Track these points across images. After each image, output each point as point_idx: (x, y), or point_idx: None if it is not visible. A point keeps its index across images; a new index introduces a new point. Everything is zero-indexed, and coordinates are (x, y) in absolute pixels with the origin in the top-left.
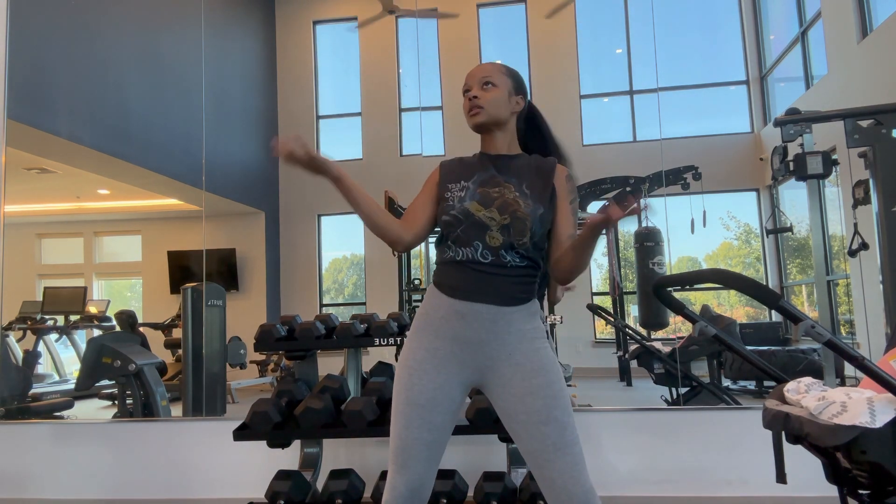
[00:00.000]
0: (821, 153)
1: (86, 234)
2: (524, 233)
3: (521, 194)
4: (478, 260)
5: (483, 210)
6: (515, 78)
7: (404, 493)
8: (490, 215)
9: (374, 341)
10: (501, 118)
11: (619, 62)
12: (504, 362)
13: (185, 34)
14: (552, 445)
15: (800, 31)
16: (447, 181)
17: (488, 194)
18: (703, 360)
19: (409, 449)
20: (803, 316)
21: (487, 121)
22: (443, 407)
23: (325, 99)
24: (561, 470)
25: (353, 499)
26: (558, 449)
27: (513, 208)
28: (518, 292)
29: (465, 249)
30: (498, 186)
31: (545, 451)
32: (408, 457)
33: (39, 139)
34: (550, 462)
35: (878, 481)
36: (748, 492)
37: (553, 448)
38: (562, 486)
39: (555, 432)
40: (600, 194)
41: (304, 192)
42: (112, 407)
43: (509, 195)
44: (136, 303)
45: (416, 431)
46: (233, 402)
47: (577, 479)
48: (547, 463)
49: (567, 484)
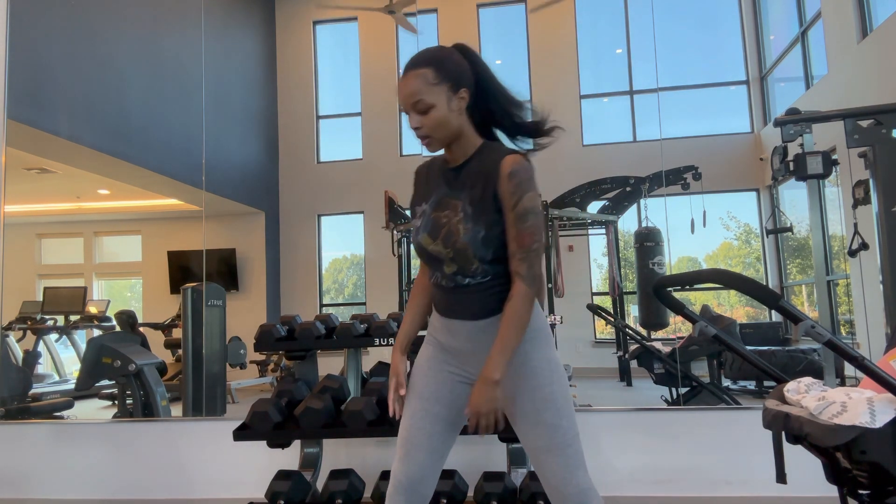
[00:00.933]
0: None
1: (86, 234)
2: (471, 261)
3: (464, 216)
4: (442, 284)
5: (432, 243)
6: (446, 71)
7: (404, 482)
8: (437, 248)
9: (374, 341)
10: (453, 132)
11: (619, 62)
12: None
13: (185, 34)
14: (543, 448)
15: (800, 31)
16: (415, 202)
17: (438, 221)
18: (703, 360)
19: (411, 438)
20: (803, 316)
21: (441, 144)
22: (446, 400)
23: (325, 99)
24: (553, 471)
25: (353, 499)
26: (549, 451)
27: (453, 239)
28: (489, 304)
29: (433, 273)
30: (447, 209)
31: (538, 452)
32: (410, 446)
33: (39, 139)
34: (543, 463)
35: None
36: (748, 492)
37: (544, 450)
38: (554, 487)
39: (545, 435)
40: (600, 194)
41: (304, 192)
42: (112, 407)
43: (454, 219)
44: (136, 303)
45: (420, 421)
46: (233, 402)
47: (569, 481)
48: (540, 464)
49: (559, 485)
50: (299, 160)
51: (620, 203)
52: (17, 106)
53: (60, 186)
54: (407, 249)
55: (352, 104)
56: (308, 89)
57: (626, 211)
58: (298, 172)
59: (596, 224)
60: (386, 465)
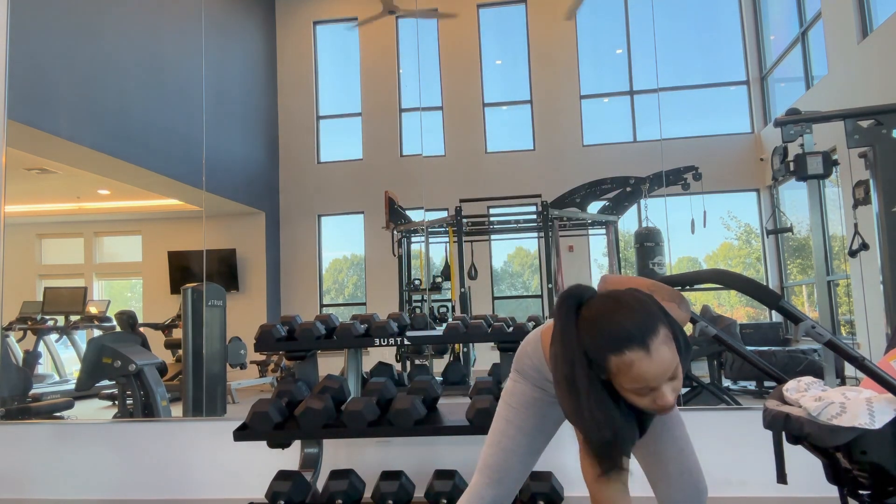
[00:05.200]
0: (821, 153)
1: (86, 234)
2: None
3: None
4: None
5: None
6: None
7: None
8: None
9: (375, 342)
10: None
11: (619, 62)
12: None
13: (185, 34)
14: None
15: (800, 32)
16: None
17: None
18: (703, 360)
19: (511, 469)
20: (803, 316)
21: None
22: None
23: (325, 99)
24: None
25: (353, 499)
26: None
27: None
28: None
29: None
30: None
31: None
32: (505, 473)
33: (40, 139)
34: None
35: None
36: (748, 492)
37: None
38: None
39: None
40: (600, 194)
41: (304, 192)
42: (112, 407)
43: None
44: (137, 303)
45: (525, 457)
46: (233, 402)
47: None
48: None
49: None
50: (299, 160)
51: (621, 203)
52: (17, 106)
53: (60, 187)
54: (407, 249)
55: (352, 104)
56: (308, 89)
57: (627, 211)
58: (298, 172)
59: (596, 224)
60: (386, 465)
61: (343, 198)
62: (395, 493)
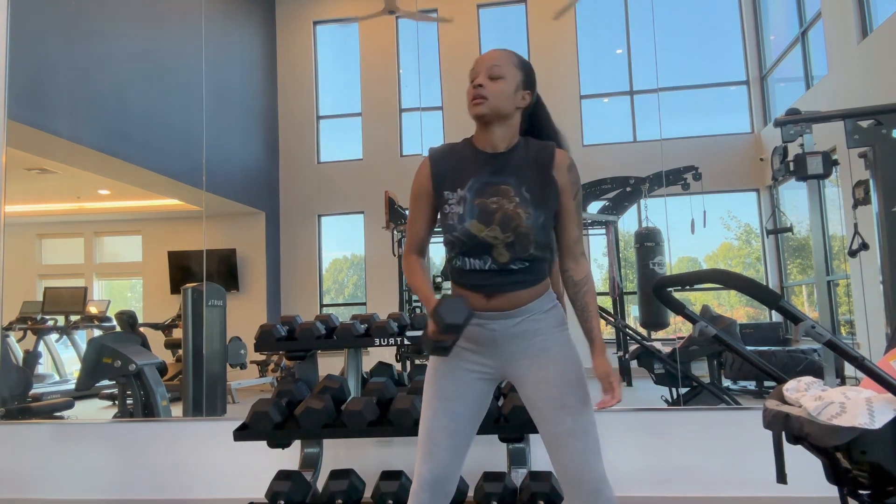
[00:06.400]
0: (821, 153)
1: (86, 234)
2: (528, 246)
3: (520, 200)
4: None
5: (485, 229)
6: (526, 71)
7: (429, 479)
8: (493, 234)
9: (375, 341)
10: (504, 112)
11: (619, 62)
12: (521, 356)
13: (185, 34)
14: (565, 431)
15: (800, 32)
16: (442, 187)
17: (487, 207)
18: (703, 360)
19: (434, 437)
20: (803, 316)
21: (489, 113)
22: (467, 398)
23: (325, 99)
24: (573, 455)
25: (353, 499)
26: (571, 434)
27: (514, 223)
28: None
29: (473, 261)
30: (496, 195)
31: (559, 436)
32: (433, 445)
33: (40, 139)
34: (563, 446)
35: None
36: (748, 492)
37: (566, 433)
38: (573, 472)
39: (569, 418)
40: (600, 194)
41: (304, 192)
42: (112, 407)
43: (508, 205)
44: (137, 303)
45: (442, 420)
46: (233, 402)
47: (588, 466)
48: (562, 447)
49: (578, 469)
50: (299, 160)
51: (620, 203)
52: (17, 106)
53: (61, 186)
54: None
55: (352, 104)
56: (308, 89)
57: (627, 211)
58: (298, 172)
59: (596, 224)
60: (386, 465)
61: (343, 198)
62: (395, 493)
